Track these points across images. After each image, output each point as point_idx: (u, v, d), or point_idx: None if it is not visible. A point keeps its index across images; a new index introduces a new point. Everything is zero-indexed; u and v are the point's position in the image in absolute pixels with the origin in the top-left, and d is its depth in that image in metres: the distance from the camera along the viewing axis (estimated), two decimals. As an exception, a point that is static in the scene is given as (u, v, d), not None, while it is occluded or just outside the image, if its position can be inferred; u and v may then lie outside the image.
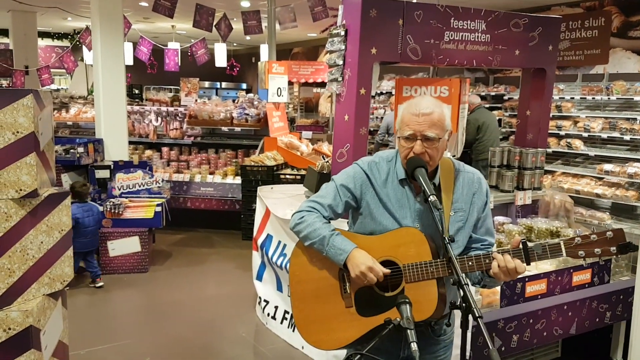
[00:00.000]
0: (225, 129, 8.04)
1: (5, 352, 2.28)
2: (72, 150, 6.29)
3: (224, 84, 18.95)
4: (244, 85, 19.16)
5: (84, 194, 5.54)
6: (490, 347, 1.57)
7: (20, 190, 2.33)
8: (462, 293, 1.73)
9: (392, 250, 1.96)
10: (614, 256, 1.83)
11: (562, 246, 1.84)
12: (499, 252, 1.89)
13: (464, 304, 1.72)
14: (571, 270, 3.52)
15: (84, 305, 5.08)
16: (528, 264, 1.86)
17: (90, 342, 4.24)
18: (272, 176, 6.89)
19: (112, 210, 5.87)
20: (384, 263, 1.95)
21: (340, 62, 3.80)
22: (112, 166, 6.31)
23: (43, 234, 2.44)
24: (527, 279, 3.32)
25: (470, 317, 1.71)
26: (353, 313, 1.99)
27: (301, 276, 2.11)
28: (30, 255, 2.39)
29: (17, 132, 2.30)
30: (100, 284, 5.49)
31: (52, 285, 2.51)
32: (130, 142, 7.55)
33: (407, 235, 1.97)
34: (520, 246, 1.87)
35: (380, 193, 2.04)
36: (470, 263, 1.91)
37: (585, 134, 6.87)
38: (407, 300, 1.78)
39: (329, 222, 2.08)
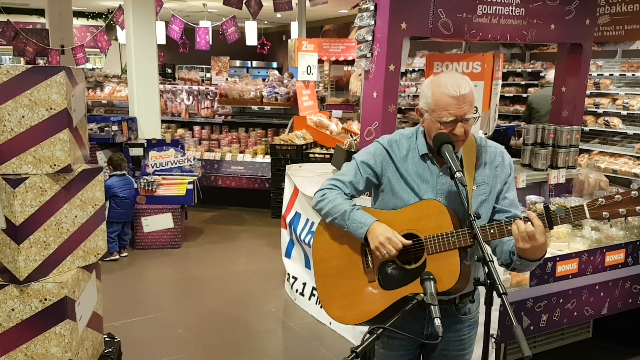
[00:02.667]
0: (255, 107, 8.07)
1: (42, 322, 2.37)
2: (106, 129, 6.42)
3: (254, 63, 18.94)
4: (275, 64, 19.11)
5: (121, 163, 5.78)
6: (514, 324, 1.56)
7: (55, 165, 2.39)
8: (486, 270, 1.71)
9: (412, 223, 1.96)
10: (640, 216, 1.75)
11: (586, 208, 1.77)
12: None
13: (488, 281, 1.70)
14: (604, 250, 3.45)
15: (118, 278, 5.23)
16: (551, 228, 1.80)
17: (124, 314, 4.37)
18: (301, 155, 6.90)
19: (146, 188, 6.00)
20: (406, 236, 1.94)
21: (370, 38, 3.74)
22: (145, 144, 6.42)
23: (77, 208, 2.51)
24: (557, 259, 3.26)
25: (494, 294, 1.70)
26: (376, 287, 2.00)
27: (324, 254, 2.13)
28: (64, 229, 2.47)
29: (51, 108, 2.35)
30: (125, 254, 5.71)
31: (86, 258, 2.59)
32: (162, 121, 7.66)
33: (427, 208, 1.96)
34: (543, 211, 1.81)
35: (400, 168, 2.03)
36: (492, 231, 1.89)
37: (624, 112, 6.65)
38: (431, 277, 1.78)
39: (351, 199, 2.09)
